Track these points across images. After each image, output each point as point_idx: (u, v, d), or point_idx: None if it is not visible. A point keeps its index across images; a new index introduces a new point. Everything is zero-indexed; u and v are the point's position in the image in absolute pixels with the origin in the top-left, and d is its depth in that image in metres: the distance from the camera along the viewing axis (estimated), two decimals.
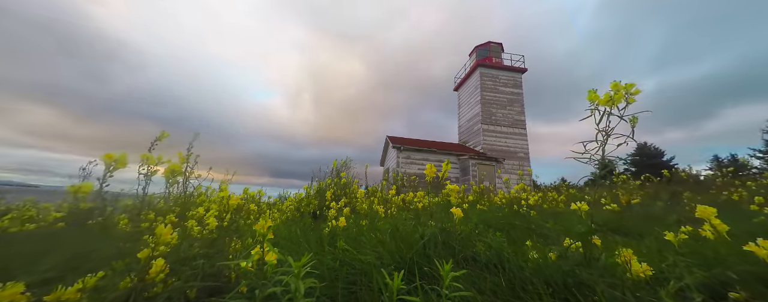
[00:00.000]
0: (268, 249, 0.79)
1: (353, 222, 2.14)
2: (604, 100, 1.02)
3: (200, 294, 0.99)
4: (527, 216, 2.86)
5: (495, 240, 1.49)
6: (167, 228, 0.89)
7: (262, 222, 0.76)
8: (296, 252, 1.52)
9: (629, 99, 1.00)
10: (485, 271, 1.18)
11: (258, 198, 4.24)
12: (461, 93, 15.72)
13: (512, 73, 13.95)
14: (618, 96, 1.00)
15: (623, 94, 1.00)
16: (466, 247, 1.38)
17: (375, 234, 1.62)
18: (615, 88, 1.02)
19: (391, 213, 2.84)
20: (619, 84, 1.02)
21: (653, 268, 1.00)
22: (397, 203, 3.48)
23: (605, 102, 1.02)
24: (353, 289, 1.02)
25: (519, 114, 13.38)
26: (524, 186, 4.14)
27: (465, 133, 14.47)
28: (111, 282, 0.86)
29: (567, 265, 1.11)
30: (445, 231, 1.46)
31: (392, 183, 9.96)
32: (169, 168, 1.37)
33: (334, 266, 1.16)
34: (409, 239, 1.41)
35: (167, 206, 2.34)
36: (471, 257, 1.34)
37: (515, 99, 13.56)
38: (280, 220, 3.11)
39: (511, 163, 12.35)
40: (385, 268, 1.08)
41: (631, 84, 1.00)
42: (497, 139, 12.70)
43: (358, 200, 3.53)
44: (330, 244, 1.57)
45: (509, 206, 3.54)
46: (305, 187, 4.18)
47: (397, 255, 1.28)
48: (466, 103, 14.78)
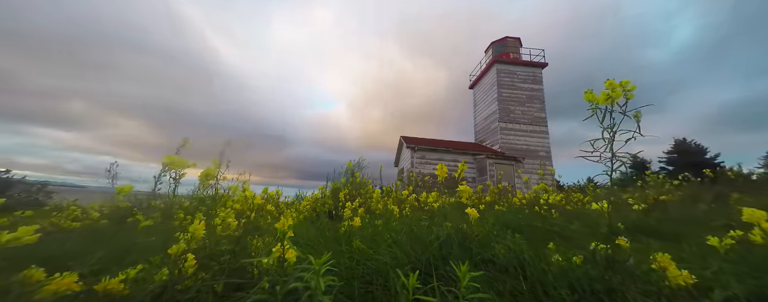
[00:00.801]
0: (288, 247, 0.82)
1: (368, 223, 2.17)
2: (603, 99, 1.04)
3: (226, 289, 1.05)
4: (549, 217, 2.73)
5: (514, 242, 1.45)
6: (201, 225, 0.96)
7: (283, 220, 0.80)
8: (313, 251, 1.56)
9: (628, 95, 1.02)
10: (504, 274, 1.14)
11: (276, 199, 4.40)
12: (477, 91, 15.32)
13: (531, 69, 13.37)
14: (616, 93, 1.02)
15: (621, 92, 1.01)
16: (483, 249, 1.35)
17: (390, 235, 1.63)
18: (611, 86, 1.03)
19: (405, 214, 2.83)
20: (614, 82, 1.03)
21: (695, 275, 0.92)
22: (412, 203, 3.46)
23: (604, 100, 1.04)
24: (369, 288, 1.03)
25: (539, 111, 12.79)
26: (545, 187, 3.96)
27: (482, 132, 14.08)
28: (149, 275, 0.93)
29: (595, 270, 1.05)
30: (461, 232, 1.44)
31: (407, 183, 9.93)
32: (204, 173, 1.47)
33: (351, 265, 1.18)
34: (424, 240, 1.40)
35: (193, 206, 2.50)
36: (489, 259, 1.31)
37: (535, 95, 12.99)
38: (297, 220, 3.21)
39: (531, 163, 11.84)
40: (401, 268, 1.08)
41: (627, 81, 1.02)
42: (516, 138, 12.23)
43: (372, 200, 3.56)
44: (346, 243, 1.60)
45: (529, 207, 3.40)
46: (320, 188, 4.28)
47: (412, 256, 1.27)
48: (482, 100, 14.38)
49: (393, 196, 4.06)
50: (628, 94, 1.02)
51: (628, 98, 1.02)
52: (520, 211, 3.26)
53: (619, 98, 1.02)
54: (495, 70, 13.16)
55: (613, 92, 1.02)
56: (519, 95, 12.88)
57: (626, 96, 1.02)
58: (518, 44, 14.49)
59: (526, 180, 5.32)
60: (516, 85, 13.03)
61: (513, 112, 12.59)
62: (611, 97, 1.02)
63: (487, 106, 13.62)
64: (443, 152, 11.14)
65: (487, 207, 3.33)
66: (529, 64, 13.39)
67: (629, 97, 1.02)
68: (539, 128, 12.56)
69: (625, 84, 1.02)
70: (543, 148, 12.31)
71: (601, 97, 1.04)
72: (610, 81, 1.03)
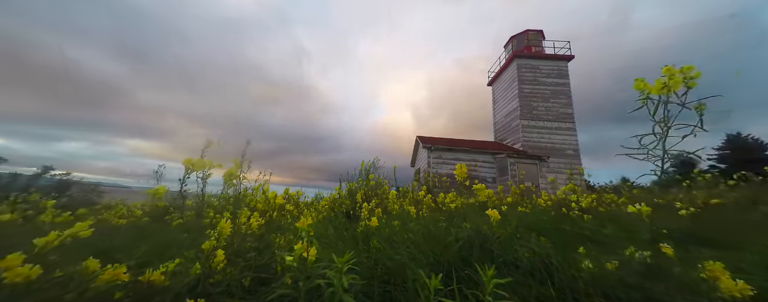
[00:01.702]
0: (308, 245, 0.85)
1: (385, 223, 2.17)
2: (657, 88, 0.90)
3: (252, 284, 1.11)
4: (579, 220, 2.55)
5: (540, 245, 1.37)
6: (227, 223, 1.02)
7: (304, 220, 0.82)
8: (332, 249, 1.60)
9: (690, 84, 0.87)
10: (529, 278, 1.09)
11: (296, 199, 4.56)
12: (496, 88, 14.78)
13: (555, 62, 12.64)
14: (674, 81, 0.87)
15: (681, 79, 0.87)
16: (506, 252, 1.30)
17: (408, 235, 1.62)
18: (668, 72, 0.88)
19: (422, 215, 2.80)
20: (672, 68, 0.89)
21: (755, 287, 0.81)
22: (429, 204, 3.42)
23: (658, 90, 0.90)
24: (387, 288, 1.04)
25: (565, 106, 12.04)
26: (574, 187, 3.72)
27: (502, 130, 13.56)
28: (185, 268, 1.01)
29: (632, 277, 0.97)
30: (482, 234, 1.39)
31: (423, 183, 9.81)
32: (227, 172, 1.56)
33: (369, 264, 1.19)
34: (443, 241, 1.38)
35: (222, 205, 2.66)
36: (512, 262, 1.25)
37: (560, 90, 12.25)
38: (316, 219, 3.30)
39: (557, 162, 11.18)
40: (420, 269, 1.07)
41: (690, 66, 0.87)
42: (539, 135, 11.61)
43: (389, 201, 3.57)
44: (363, 243, 1.62)
45: (556, 209, 3.21)
46: (337, 188, 4.36)
47: (431, 257, 1.26)
48: (501, 97, 13.84)
49: (409, 197, 4.03)
50: (689, 82, 0.86)
51: (690, 87, 0.86)
52: (545, 213, 3.09)
53: (677, 87, 0.88)
54: (515, 65, 12.61)
55: (671, 80, 0.88)
56: (542, 91, 12.23)
57: (687, 84, 0.87)
58: (540, 37, 13.77)
59: (551, 181, 5.04)
60: (539, 80, 12.39)
61: (535, 108, 11.97)
62: (668, 86, 0.88)
63: (507, 103, 13.09)
64: (461, 152, 10.87)
65: (509, 209, 3.19)
66: (553, 58, 12.67)
67: (691, 85, 0.86)
68: (565, 125, 11.82)
69: (686, 70, 0.87)
70: (570, 146, 11.57)
71: (656, 86, 0.91)
72: (668, 67, 0.89)
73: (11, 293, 0.80)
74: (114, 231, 2.31)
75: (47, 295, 0.84)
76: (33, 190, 3.51)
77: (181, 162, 1.21)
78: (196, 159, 1.07)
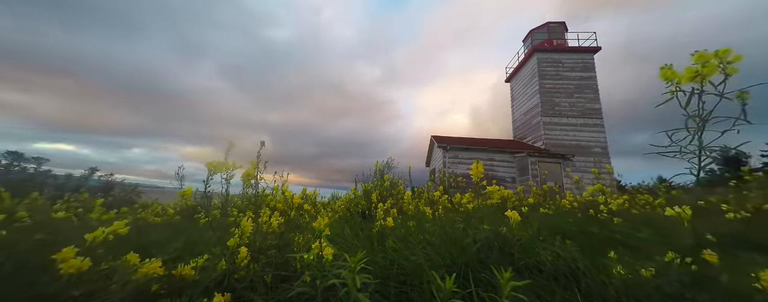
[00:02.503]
0: (325, 244, 0.87)
1: (401, 223, 2.16)
2: (688, 77, 0.78)
3: (273, 280, 1.15)
4: (608, 222, 2.38)
5: (564, 248, 1.30)
6: (249, 222, 1.07)
7: (320, 219, 0.84)
8: (348, 249, 1.62)
9: (728, 69, 0.74)
10: (553, 283, 1.04)
11: (313, 199, 4.68)
12: (514, 84, 14.22)
13: (580, 55, 11.91)
14: (708, 69, 0.75)
15: (717, 65, 0.74)
16: (527, 255, 1.24)
17: (423, 236, 1.61)
18: (701, 59, 0.76)
19: (438, 215, 2.76)
20: (706, 53, 0.76)
21: None
22: (445, 205, 3.36)
23: (690, 78, 0.78)
24: (403, 288, 1.03)
25: (591, 101, 11.30)
26: (603, 187, 3.48)
27: (521, 128, 13.01)
28: (212, 264, 1.07)
29: (672, 285, 0.89)
30: (501, 236, 1.35)
31: (438, 184, 9.65)
32: (245, 173, 1.64)
33: (385, 264, 1.20)
34: (460, 242, 1.35)
35: (244, 204, 2.80)
36: (534, 266, 1.20)
37: (585, 84, 11.52)
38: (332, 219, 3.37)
39: (583, 160, 10.52)
40: (436, 270, 1.06)
41: (727, 49, 0.74)
42: (563, 133, 11.00)
43: (404, 201, 3.55)
44: (379, 243, 1.62)
45: (583, 210, 3.02)
46: (352, 188, 4.42)
47: (448, 258, 1.24)
48: (521, 94, 13.28)
49: (425, 197, 3.98)
50: (727, 68, 0.74)
51: (729, 73, 0.74)
52: (570, 215, 2.92)
53: (713, 75, 0.75)
54: (535, 60, 12.05)
55: (705, 67, 0.75)
56: (565, 85, 11.57)
57: (725, 71, 0.74)
58: (563, 29, 13.05)
59: (576, 180, 4.75)
60: (561, 75, 11.74)
61: (558, 104, 11.35)
62: (701, 74, 0.76)
63: (527, 100, 12.53)
64: (478, 151, 10.56)
65: (530, 210, 3.05)
66: (577, 50, 11.94)
67: (730, 72, 0.74)
68: (592, 121, 11.09)
69: (723, 54, 0.74)
70: (597, 144, 10.84)
71: (686, 75, 0.79)
72: (700, 52, 0.77)
73: (67, 282, 0.89)
74: (150, 228, 2.51)
75: (96, 286, 0.94)
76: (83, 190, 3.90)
77: (222, 165, 1.29)
78: (217, 162, 1.14)
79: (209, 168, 1.11)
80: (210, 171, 1.11)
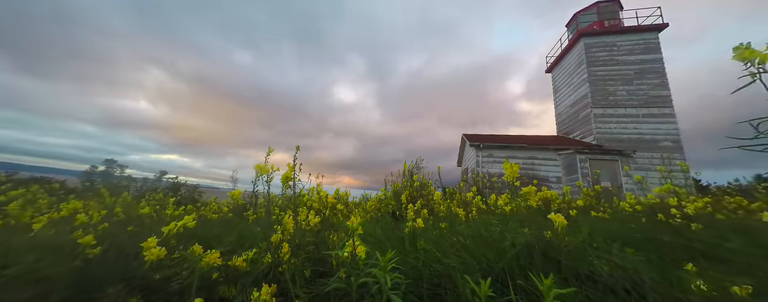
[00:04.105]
0: (358, 243, 0.90)
1: (432, 225, 2.12)
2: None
3: (311, 275, 1.23)
4: (684, 229, 2.01)
5: (626, 258, 1.14)
6: (290, 220, 1.17)
7: (353, 218, 0.88)
8: (380, 248, 1.65)
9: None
10: (610, 296, 0.92)
11: (345, 199, 4.86)
12: (556, 74, 12.89)
13: (641, 35, 10.28)
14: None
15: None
16: (577, 263, 1.12)
17: (456, 238, 1.55)
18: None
19: (472, 217, 2.64)
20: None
21: None
22: (479, 206, 3.20)
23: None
24: (437, 291, 1.01)
25: (657, 87, 9.66)
26: (675, 188, 2.96)
27: (566, 122, 11.72)
28: (259, 257, 1.19)
29: None
30: (546, 241, 1.23)
31: (471, 184, 9.20)
32: (284, 176, 1.78)
33: (417, 265, 1.19)
34: (497, 246, 1.27)
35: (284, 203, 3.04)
36: (587, 276, 1.08)
37: (648, 68, 9.91)
38: (364, 219, 3.45)
39: (647, 156, 9.06)
40: (470, 275, 1.02)
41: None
42: (620, 125, 9.60)
43: (435, 202, 3.47)
44: (410, 244, 1.62)
45: (648, 215, 2.60)
46: (382, 189, 4.47)
47: (483, 262, 1.18)
48: (565, 84, 11.97)
49: (457, 198, 3.84)
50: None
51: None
52: (631, 219, 2.54)
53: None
54: (582, 46, 10.75)
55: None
56: (622, 71, 10.09)
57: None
58: (617, 7, 11.42)
59: (639, 180, 4.11)
60: (616, 59, 10.27)
61: (613, 93, 9.95)
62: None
63: (573, 91, 11.24)
64: (515, 149, 9.79)
65: (580, 213, 2.73)
66: (637, 30, 10.33)
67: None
68: (659, 110, 9.48)
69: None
70: (667, 137, 9.22)
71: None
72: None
73: (149, 267, 1.08)
74: (209, 223, 2.88)
75: (170, 272, 1.12)
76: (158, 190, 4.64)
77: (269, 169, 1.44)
78: (262, 165, 1.27)
79: (257, 172, 1.23)
80: (257, 174, 1.23)
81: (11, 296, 0.90)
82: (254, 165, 1.29)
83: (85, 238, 1.12)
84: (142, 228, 2.11)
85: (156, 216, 2.96)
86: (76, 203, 2.08)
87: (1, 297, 0.90)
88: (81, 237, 1.13)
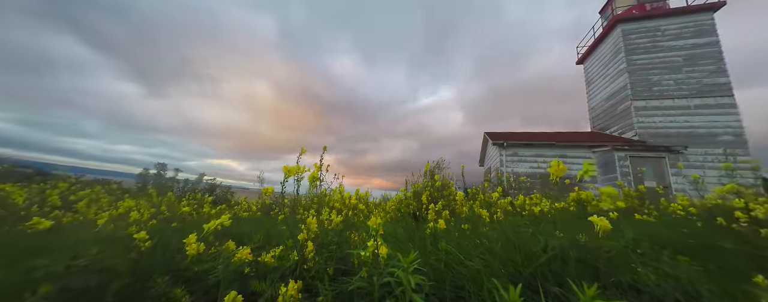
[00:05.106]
0: (380, 243, 0.91)
1: (454, 226, 2.07)
2: None
3: (335, 273, 1.26)
4: (751, 236, 1.74)
5: (678, 267, 1.02)
6: (314, 220, 1.21)
7: (374, 219, 0.89)
8: (401, 249, 1.64)
9: None
10: None
11: (366, 199, 4.92)
12: (589, 65, 11.91)
13: (691, 17, 9.12)
14: None
15: None
16: (618, 270, 1.02)
17: (480, 240, 1.50)
18: None
19: (497, 219, 2.52)
20: None
21: None
22: (505, 207, 3.05)
23: None
24: (461, 294, 0.99)
25: (713, 74, 8.51)
26: (740, 188, 2.59)
27: (601, 117, 10.77)
28: (286, 254, 1.25)
29: None
30: (583, 246, 1.14)
31: (495, 184, 8.80)
32: (311, 176, 1.85)
33: (439, 267, 1.17)
34: (527, 250, 1.20)
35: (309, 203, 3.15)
36: (630, 285, 0.98)
37: (701, 53, 8.77)
38: (384, 219, 3.47)
39: (702, 153, 8.01)
40: (497, 279, 0.97)
41: None
42: (667, 118, 8.60)
43: (456, 203, 3.38)
44: (432, 245, 1.59)
45: (705, 218, 2.29)
46: (402, 189, 4.45)
47: (511, 267, 1.12)
48: (599, 76, 11.01)
49: (480, 199, 3.71)
50: None
51: None
52: (684, 223, 2.26)
53: None
54: (618, 33, 9.81)
55: None
56: (668, 59, 9.04)
57: None
58: None
59: (696, 179, 3.63)
60: (660, 46, 9.23)
61: (658, 83, 8.94)
62: None
63: (609, 82, 10.29)
64: (543, 147, 9.19)
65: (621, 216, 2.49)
66: (685, 11, 9.20)
67: None
68: (715, 100, 8.34)
69: None
70: (727, 130, 8.08)
71: None
72: None
73: (190, 261, 1.18)
74: (240, 221, 3.08)
75: (208, 265, 1.21)
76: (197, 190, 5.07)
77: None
78: (291, 167, 1.34)
79: (285, 173, 1.29)
80: (285, 175, 1.30)
81: (81, 283, 1.04)
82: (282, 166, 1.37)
83: (139, 234, 1.26)
84: (183, 225, 2.32)
85: (195, 215, 3.24)
86: (130, 202, 2.35)
87: (73, 283, 1.04)
88: (135, 233, 1.27)
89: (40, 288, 0.87)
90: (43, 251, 1.13)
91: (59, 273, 0.98)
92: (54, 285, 0.90)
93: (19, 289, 0.85)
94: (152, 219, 2.27)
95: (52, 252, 1.08)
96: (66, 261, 1.04)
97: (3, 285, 0.86)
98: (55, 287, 0.90)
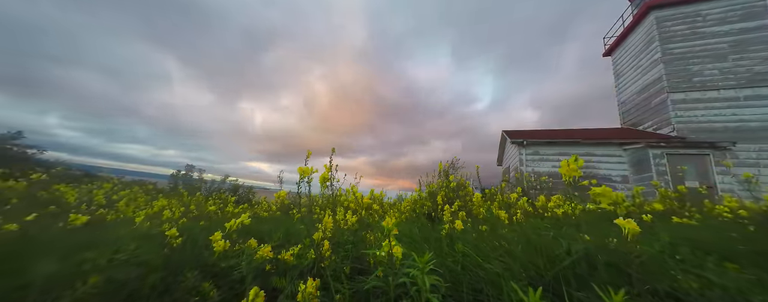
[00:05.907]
0: (394, 243, 0.91)
1: (471, 227, 2.02)
2: None
3: (351, 272, 1.28)
4: None
5: (725, 275, 0.92)
6: (329, 219, 1.24)
7: (388, 219, 0.89)
8: (415, 249, 1.63)
9: None
10: None
11: (381, 199, 4.93)
12: (618, 57, 11.11)
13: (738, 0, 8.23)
14: None
15: None
16: (654, 277, 0.94)
17: (499, 242, 1.45)
18: None
19: (516, 220, 2.42)
20: None
21: None
22: (525, 208, 2.92)
23: None
24: (479, 297, 0.96)
25: (766, 62, 7.62)
26: None
27: (633, 112, 10.00)
28: (304, 252, 1.29)
29: None
30: (612, 250, 1.07)
31: (514, 184, 8.44)
32: (322, 177, 1.90)
33: (456, 269, 1.15)
34: (549, 252, 1.15)
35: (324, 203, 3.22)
36: (668, 294, 0.90)
37: (751, 39, 7.88)
38: (399, 219, 3.46)
39: (755, 149, 7.19)
40: (516, 282, 0.94)
41: None
42: (710, 112, 7.82)
43: (473, 204, 3.29)
44: (448, 246, 1.56)
45: (758, 222, 2.05)
46: (417, 189, 4.41)
47: (531, 270, 1.08)
48: (630, 67, 10.23)
49: (498, 199, 3.58)
50: None
51: None
52: (732, 228, 2.04)
53: None
54: (651, 21, 9.06)
55: None
56: (712, 46, 8.22)
57: None
58: None
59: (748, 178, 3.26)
60: (702, 32, 8.41)
61: (699, 73, 8.15)
62: None
63: (642, 74, 9.53)
64: (567, 145, 8.70)
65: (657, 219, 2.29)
66: None
67: None
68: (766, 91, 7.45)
69: None
70: None
71: None
72: None
73: (216, 258, 1.26)
74: (260, 220, 3.22)
75: (233, 262, 1.28)
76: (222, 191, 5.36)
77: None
78: (305, 168, 1.38)
79: (300, 174, 1.34)
80: (300, 175, 1.34)
81: (122, 275, 1.14)
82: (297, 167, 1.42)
83: (172, 231, 1.36)
84: (210, 223, 2.46)
85: (220, 213, 3.43)
86: (163, 201, 2.54)
87: (115, 276, 1.14)
88: (168, 230, 1.37)
89: (89, 279, 0.96)
90: (90, 246, 1.25)
91: (103, 266, 1.08)
92: (100, 277, 1.00)
93: (71, 279, 0.95)
94: (182, 218, 2.43)
95: (98, 247, 1.19)
96: (109, 255, 1.15)
97: (59, 275, 0.96)
98: (101, 278, 1.00)
